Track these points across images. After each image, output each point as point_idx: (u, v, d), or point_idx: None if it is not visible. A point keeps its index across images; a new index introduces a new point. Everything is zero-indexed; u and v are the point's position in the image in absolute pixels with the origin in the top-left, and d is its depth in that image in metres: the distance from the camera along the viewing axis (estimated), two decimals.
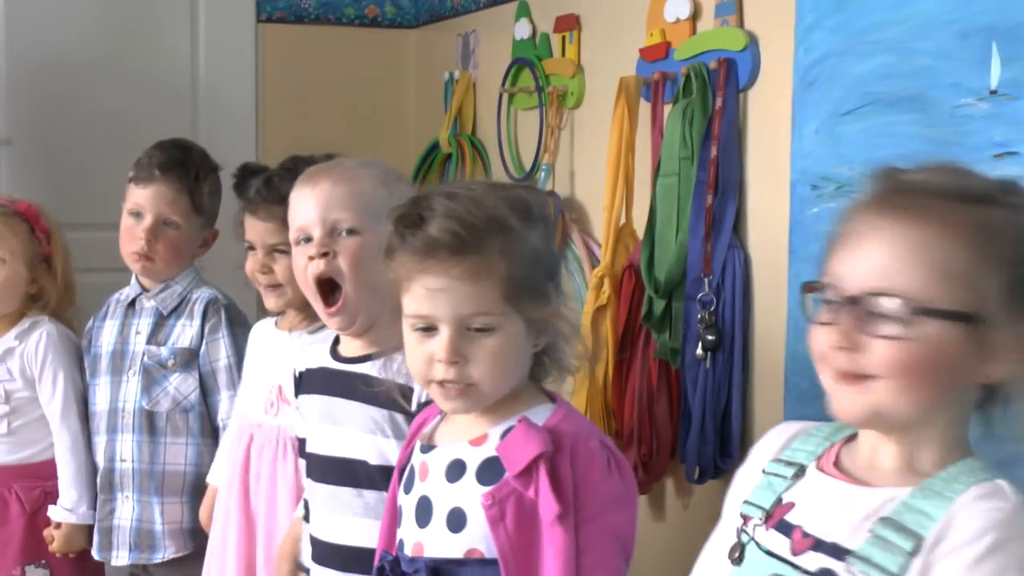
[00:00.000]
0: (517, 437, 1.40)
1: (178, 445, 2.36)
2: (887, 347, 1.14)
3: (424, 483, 1.48)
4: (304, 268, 1.78)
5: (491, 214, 1.40)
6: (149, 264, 2.39)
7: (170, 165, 2.38)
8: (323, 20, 3.99)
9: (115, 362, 2.42)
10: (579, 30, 2.94)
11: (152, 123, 3.76)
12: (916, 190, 1.18)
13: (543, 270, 1.45)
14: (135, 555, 2.37)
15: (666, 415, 2.43)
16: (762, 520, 1.24)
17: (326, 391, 1.79)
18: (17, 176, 3.66)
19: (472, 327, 1.40)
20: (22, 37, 3.68)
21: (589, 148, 2.88)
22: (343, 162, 1.83)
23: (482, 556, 1.41)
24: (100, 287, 2.77)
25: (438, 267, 1.39)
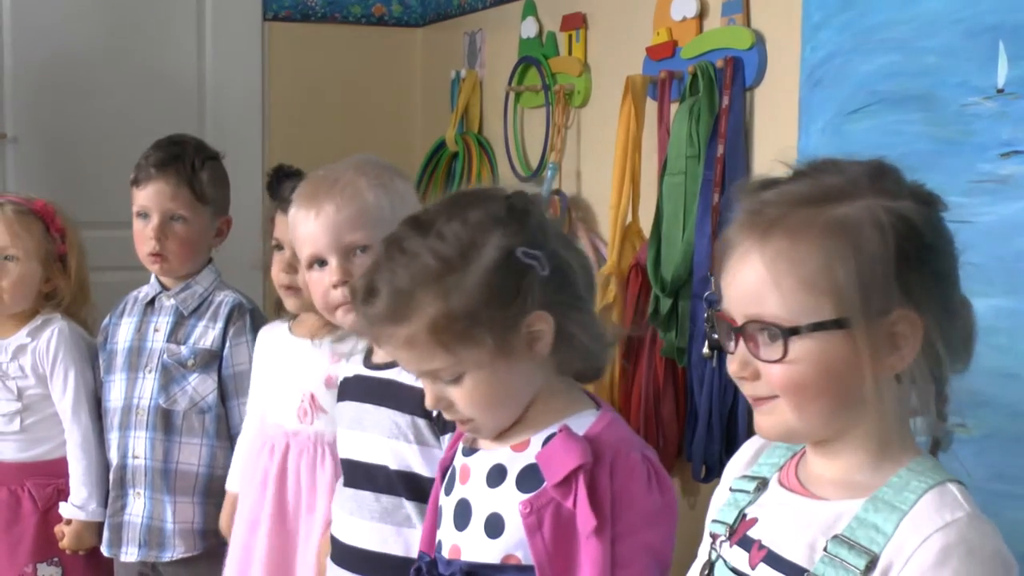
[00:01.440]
0: (557, 446, 1.39)
1: (193, 445, 2.36)
2: (775, 370, 1.14)
3: (464, 486, 1.48)
4: (324, 293, 1.80)
5: (421, 269, 1.38)
6: (164, 263, 2.40)
7: (166, 161, 2.39)
8: (330, 18, 4.00)
9: (131, 359, 2.42)
10: (586, 28, 2.94)
11: (159, 121, 3.76)
12: (773, 203, 1.16)
13: (507, 281, 1.38)
14: (144, 552, 2.37)
15: (672, 414, 2.43)
16: (727, 536, 1.24)
17: (357, 397, 1.81)
18: (23, 174, 3.67)
19: (440, 380, 1.41)
20: (28, 35, 3.69)
21: (595, 147, 2.88)
22: (338, 176, 1.80)
23: (519, 563, 1.41)
24: (107, 285, 2.78)
25: (386, 339, 1.42)
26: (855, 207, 1.13)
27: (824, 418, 1.16)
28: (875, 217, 1.12)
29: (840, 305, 1.12)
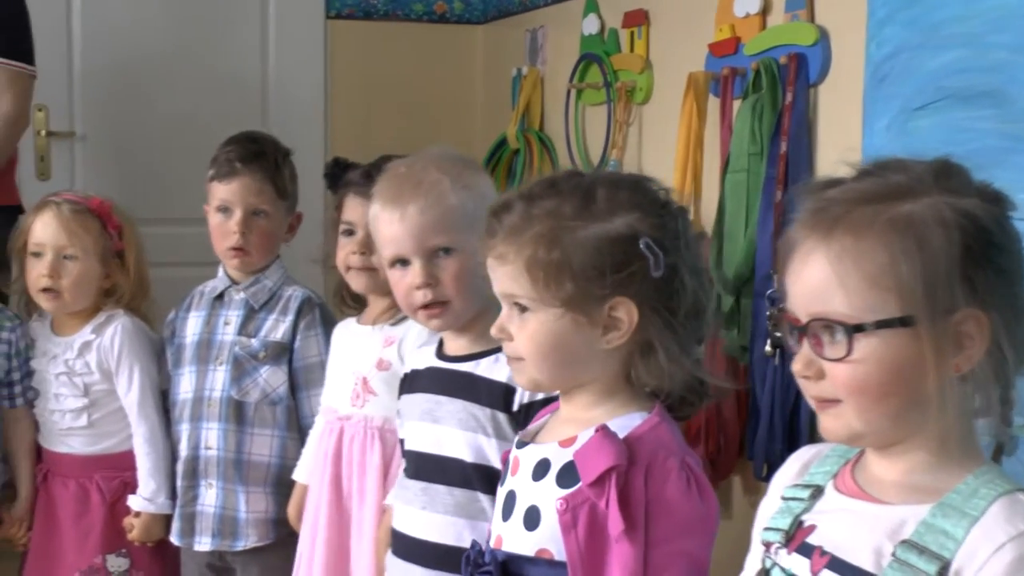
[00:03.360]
0: (592, 446, 1.38)
1: (264, 436, 2.38)
2: (839, 370, 1.13)
3: (513, 478, 1.49)
4: (407, 293, 1.81)
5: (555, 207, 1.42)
6: (246, 257, 2.41)
7: (249, 157, 2.40)
8: (391, 16, 4.02)
9: (200, 351, 2.44)
10: (648, 25, 2.93)
11: (223, 120, 3.81)
12: (837, 201, 1.15)
13: (616, 256, 1.40)
14: (217, 541, 2.38)
15: (734, 412, 2.42)
16: (783, 543, 1.23)
17: (430, 389, 1.81)
18: (91, 171, 3.73)
19: (514, 308, 1.45)
20: (97, 36, 3.75)
21: (657, 144, 2.87)
22: (421, 177, 1.80)
23: (552, 557, 1.41)
24: (171, 281, 2.81)
25: (491, 248, 1.46)
26: (920, 204, 1.12)
27: (889, 420, 1.14)
28: (940, 214, 1.11)
29: (905, 303, 1.11)
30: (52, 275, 2.37)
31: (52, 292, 2.38)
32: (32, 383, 2.46)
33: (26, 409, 2.47)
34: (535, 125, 3.50)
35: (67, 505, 2.44)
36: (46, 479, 2.46)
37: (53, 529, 2.43)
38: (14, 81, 3.00)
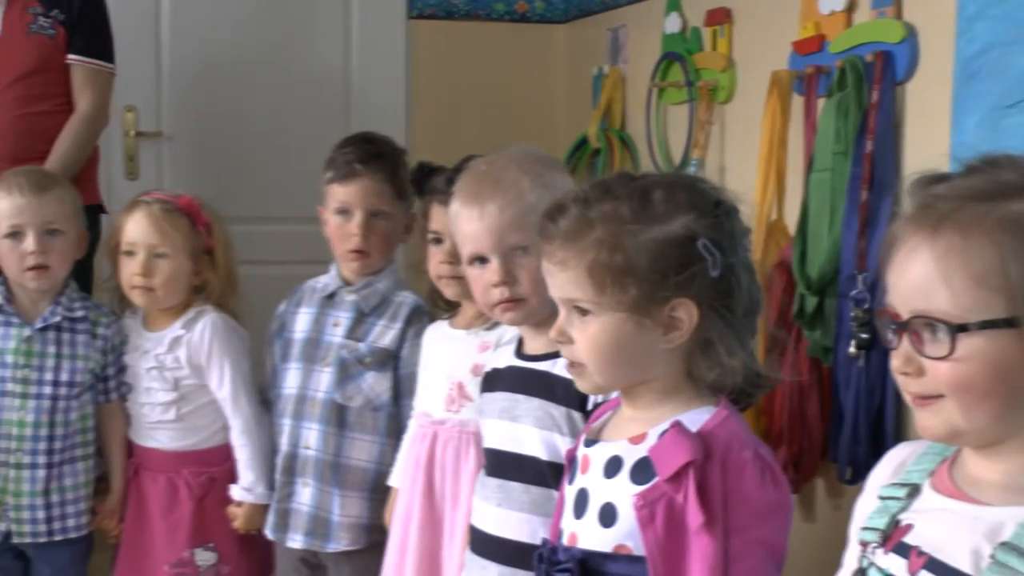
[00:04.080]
0: (668, 442, 1.40)
1: (364, 442, 2.37)
2: (942, 368, 1.12)
3: (584, 476, 1.50)
4: (484, 291, 1.82)
5: (612, 210, 1.43)
6: (366, 259, 2.40)
7: (369, 158, 2.39)
8: (473, 16, 4.03)
9: (307, 350, 2.44)
10: (730, 24, 2.91)
11: (306, 120, 3.87)
12: (945, 197, 1.14)
13: (675, 258, 1.41)
14: (309, 541, 2.39)
15: (817, 414, 2.39)
16: (880, 542, 1.22)
17: (509, 388, 1.83)
18: (178, 170, 3.80)
19: (574, 311, 1.46)
20: (184, 38, 3.81)
21: (740, 143, 2.85)
22: (500, 175, 1.81)
23: (630, 553, 1.43)
24: (257, 278, 2.85)
25: (549, 254, 1.48)
26: None
27: (991, 419, 1.13)
28: None
29: (1012, 304, 1.10)
30: (145, 273, 2.42)
31: (145, 289, 2.43)
32: (124, 378, 2.51)
33: (119, 404, 2.53)
34: (616, 124, 3.49)
35: (157, 499, 2.48)
36: (137, 473, 2.50)
37: (144, 522, 2.48)
38: (93, 79, 3.04)
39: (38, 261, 2.42)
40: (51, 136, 2.96)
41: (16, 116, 2.96)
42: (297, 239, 3.64)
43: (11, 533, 2.44)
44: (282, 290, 2.60)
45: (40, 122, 2.98)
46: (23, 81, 2.96)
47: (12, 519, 2.43)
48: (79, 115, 3.01)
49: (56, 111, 3.00)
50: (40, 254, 2.42)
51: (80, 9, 3.01)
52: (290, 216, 3.71)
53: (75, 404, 2.47)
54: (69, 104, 3.02)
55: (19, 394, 2.43)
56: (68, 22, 3.00)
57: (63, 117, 3.00)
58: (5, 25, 2.97)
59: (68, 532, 2.47)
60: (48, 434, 2.44)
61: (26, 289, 2.47)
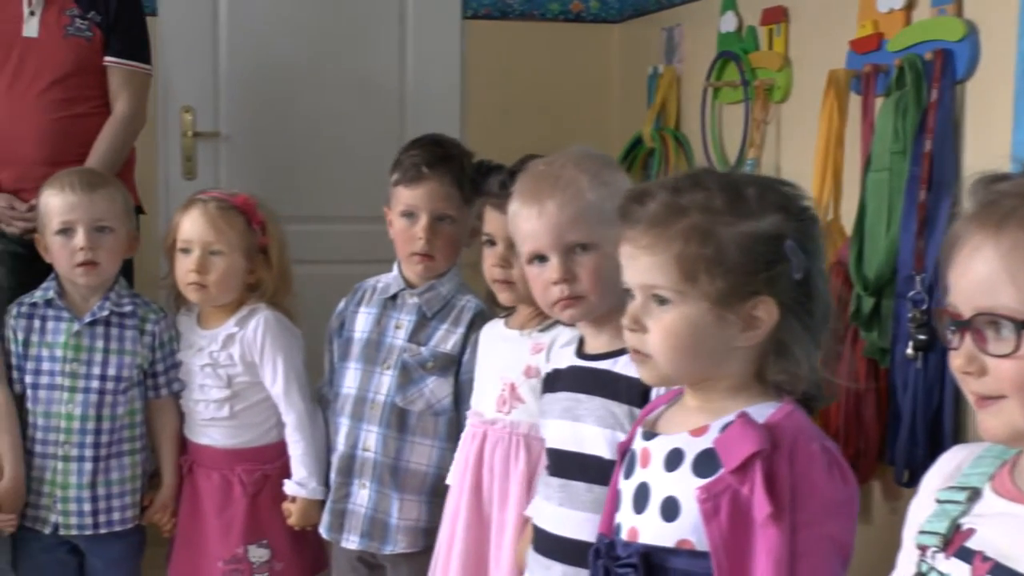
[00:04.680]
0: (735, 432, 1.39)
1: (424, 446, 2.36)
2: (1005, 366, 1.11)
3: (644, 470, 1.49)
4: (544, 289, 1.82)
5: (704, 200, 1.42)
6: (431, 263, 2.38)
7: (436, 161, 2.36)
8: (527, 16, 4.03)
9: (368, 351, 2.43)
10: (787, 22, 2.89)
11: (361, 120, 3.89)
12: (1009, 195, 1.13)
13: (763, 255, 1.41)
14: (365, 542, 2.38)
15: (873, 416, 2.37)
16: (940, 547, 1.21)
17: (570, 388, 1.82)
18: (235, 169, 3.83)
19: (652, 300, 1.44)
20: (242, 39, 3.84)
21: (796, 142, 2.83)
22: (559, 173, 1.81)
23: (693, 548, 1.41)
24: (310, 277, 2.86)
25: (634, 238, 1.45)
26: None
27: None
28: None
29: None
30: (199, 270, 2.44)
31: (199, 286, 2.45)
32: (179, 375, 2.54)
33: (170, 400, 2.55)
34: (671, 124, 3.48)
35: (211, 496, 2.50)
36: (191, 470, 2.53)
37: (198, 519, 2.50)
38: (130, 81, 3.05)
39: (87, 257, 2.45)
40: (89, 138, 2.98)
41: (54, 119, 2.97)
42: (352, 238, 3.66)
43: (59, 525, 2.47)
44: (336, 289, 2.61)
45: (77, 124, 2.99)
46: (60, 84, 2.98)
47: (60, 511, 2.46)
48: (116, 117, 3.03)
49: (93, 113, 3.02)
50: (89, 250, 2.45)
51: (117, 11, 3.03)
52: (346, 216, 3.74)
53: (122, 399, 2.50)
54: (106, 106, 3.04)
55: (68, 387, 2.47)
56: (105, 24, 3.01)
57: (100, 119, 3.02)
58: (42, 28, 2.98)
59: (114, 526, 2.49)
60: (95, 427, 2.47)
61: (76, 285, 2.50)
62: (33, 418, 2.47)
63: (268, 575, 2.49)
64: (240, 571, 2.48)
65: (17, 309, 2.51)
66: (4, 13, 2.98)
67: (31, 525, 2.47)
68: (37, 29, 2.98)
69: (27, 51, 2.97)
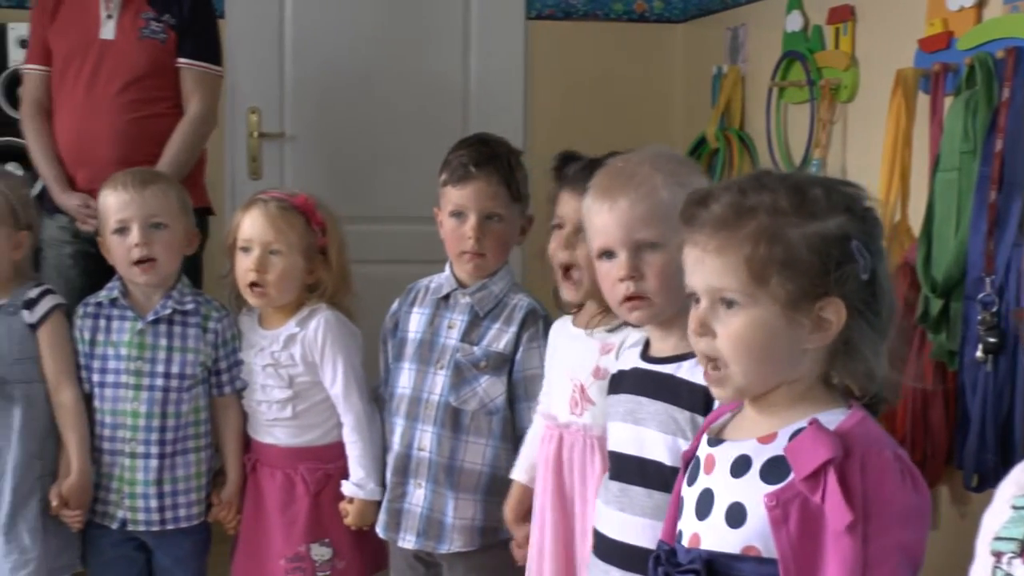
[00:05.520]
0: (806, 439, 1.37)
1: (478, 445, 2.36)
2: None
3: (709, 476, 1.47)
4: (612, 286, 1.81)
5: (770, 201, 1.41)
6: (481, 261, 2.39)
7: (483, 160, 2.37)
8: (591, 16, 4.03)
9: (422, 351, 2.44)
10: (854, 22, 2.86)
11: (424, 121, 3.91)
12: None
13: (830, 256, 1.39)
14: (421, 541, 2.39)
15: (941, 419, 2.33)
16: (1017, 552, 1.19)
17: (633, 391, 1.81)
18: (299, 170, 3.87)
19: (720, 303, 1.42)
20: (307, 41, 3.88)
21: (862, 142, 2.80)
22: (634, 171, 1.79)
23: (759, 555, 1.39)
24: (374, 278, 2.87)
25: (700, 241, 1.43)
26: None
27: None
28: None
29: None
30: (259, 269, 2.45)
31: (258, 287, 2.47)
32: (241, 374, 2.56)
33: (234, 397, 2.57)
34: (735, 124, 3.46)
35: (274, 494, 2.51)
36: (255, 469, 2.54)
37: (261, 517, 2.51)
38: (202, 82, 3.11)
39: (143, 254, 2.47)
40: (161, 139, 3.04)
41: (128, 119, 3.04)
42: (417, 239, 3.67)
43: (127, 521, 2.50)
44: (401, 290, 2.62)
45: (150, 125, 3.05)
46: (135, 85, 3.04)
47: (128, 507, 2.49)
48: (189, 118, 3.08)
49: (166, 114, 3.08)
50: (144, 246, 2.47)
51: (190, 13, 3.09)
52: (409, 216, 3.75)
53: (187, 396, 2.52)
54: (178, 107, 3.10)
55: (133, 385, 2.49)
56: (179, 26, 3.08)
57: (173, 120, 3.08)
58: (119, 31, 3.06)
59: (180, 522, 2.51)
60: (160, 425, 2.49)
61: (138, 284, 2.53)
62: (101, 416, 2.50)
63: (330, 573, 2.49)
64: (302, 569, 2.49)
65: (83, 309, 2.54)
66: (83, 17, 3.06)
67: (100, 521, 2.50)
68: (114, 32, 3.05)
69: (104, 53, 3.04)
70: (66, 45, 3.07)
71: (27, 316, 2.46)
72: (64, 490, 2.44)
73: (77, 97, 3.05)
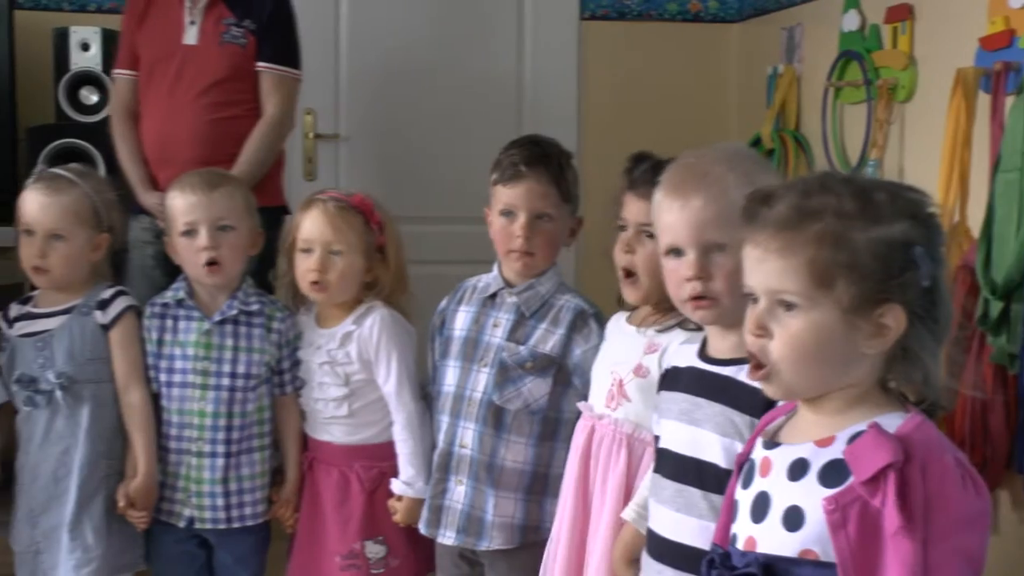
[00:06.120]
0: (866, 443, 1.36)
1: (520, 444, 2.37)
2: None
3: (765, 479, 1.47)
4: (678, 285, 1.80)
5: (835, 204, 1.40)
6: (530, 259, 2.39)
7: (534, 160, 2.38)
8: (645, 16, 4.02)
9: (467, 349, 2.45)
10: (912, 20, 2.83)
11: (478, 120, 3.92)
12: None
13: (892, 261, 1.39)
14: (461, 538, 2.40)
15: (1002, 423, 2.31)
16: None
17: (689, 390, 1.81)
18: (353, 172, 3.89)
19: (779, 305, 1.42)
20: (362, 43, 3.91)
21: (920, 143, 2.77)
22: (708, 170, 1.78)
23: (817, 558, 1.39)
24: (429, 278, 2.88)
25: (762, 242, 1.43)
26: None
27: None
28: None
29: None
30: (320, 269, 2.48)
31: (320, 285, 2.49)
32: (298, 372, 2.58)
33: (293, 397, 2.59)
34: (790, 125, 3.44)
35: (330, 492, 2.53)
36: (312, 467, 2.57)
37: (318, 514, 2.53)
38: (280, 85, 3.20)
39: (211, 256, 2.50)
40: (240, 140, 3.13)
41: (208, 121, 3.14)
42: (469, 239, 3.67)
43: (194, 519, 2.53)
44: (451, 290, 2.62)
45: (229, 126, 3.16)
46: (215, 88, 3.15)
47: (195, 505, 2.52)
48: (267, 120, 3.17)
49: (245, 116, 3.17)
50: (212, 249, 2.50)
51: (270, 19, 3.18)
52: (462, 216, 3.75)
53: (252, 396, 2.55)
54: (257, 109, 3.19)
55: (199, 385, 2.52)
56: (259, 31, 3.17)
57: (251, 122, 3.17)
58: (201, 36, 3.16)
59: (245, 520, 2.54)
60: (226, 424, 2.52)
61: (204, 285, 2.56)
62: (168, 415, 2.54)
63: (384, 571, 2.51)
64: (357, 566, 2.50)
65: (150, 309, 2.58)
66: (168, 23, 3.18)
67: (166, 519, 2.54)
68: (196, 37, 3.16)
69: (187, 58, 3.16)
70: (152, 51, 3.19)
71: (100, 317, 2.51)
72: (131, 491, 2.47)
73: (161, 100, 3.16)
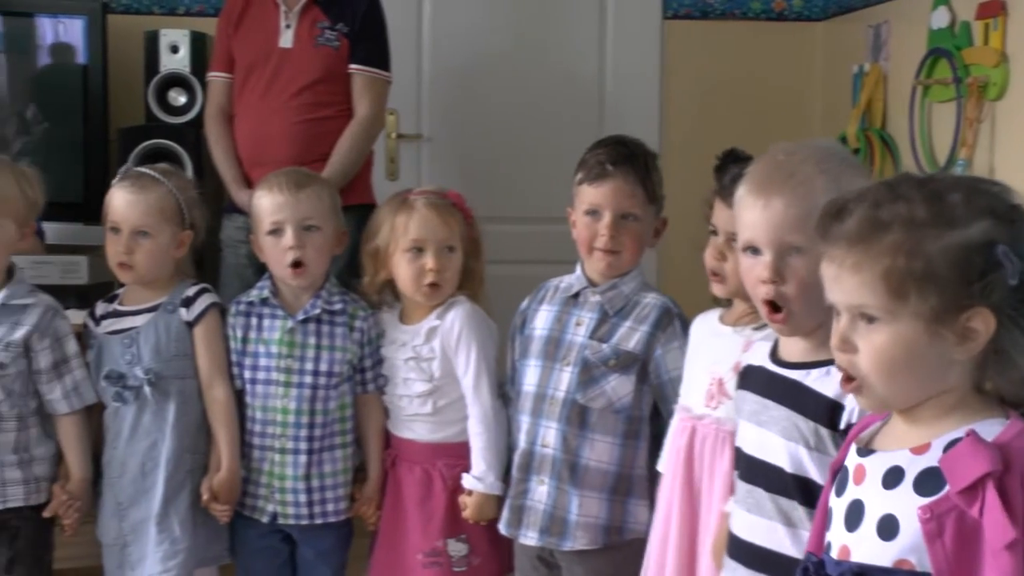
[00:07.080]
0: (964, 451, 1.34)
1: (604, 443, 2.37)
2: None
3: (859, 487, 1.45)
4: (754, 284, 1.78)
5: (907, 211, 1.37)
6: (615, 258, 2.40)
7: (620, 159, 2.38)
8: (728, 15, 4.00)
9: (548, 348, 2.45)
10: (1005, 16, 2.78)
11: (560, 122, 3.92)
12: None
13: (973, 264, 1.35)
14: (543, 538, 2.40)
15: None
16: None
17: (759, 391, 1.80)
18: (435, 172, 3.91)
19: (860, 319, 1.40)
20: (444, 42, 3.93)
21: (1012, 141, 2.72)
22: (795, 169, 1.74)
23: (912, 568, 1.36)
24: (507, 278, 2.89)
25: (836, 258, 1.41)
26: None
27: None
28: None
29: None
30: (440, 268, 2.49)
31: (435, 285, 2.50)
32: (381, 370, 2.60)
33: (376, 395, 2.61)
34: (876, 124, 3.39)
35: (412, 489, 2.55)
36: (395, 464, 2.59)
37: (400, 512, 2.55)
38: (371, 87, 3.28)
39: (297, 256, 2.53)
40: (331, 140, 3.23)
41: (301, 121, 3.23)
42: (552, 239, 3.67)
43: (277, 514, 2.56)
44: (533, 290, 2.63)
45: (322, 127, 3.24)
46: (309, 89, 3.25)
47: (278, 501, 2.56)
48: (358, 120, 3.26)
49: (337, 116, 3.26)
50: (298, 248, 2.52)
51: (363, 22, 3.27)
52: (544, 216, 3.75)
53: (334, 394, 2.57)
54: (348, 110, 3.28)
55: (283, 383, 2.55)
56: (351, 34, 3.26)
57: (343, 122, 3.26)
58: (296, 39, 3.26)
59: (328, 517, 2.57)
60: (309, 422, 2.55)
61: (288, 284, 2.59)
62: (252, 412, 2.57)
63: (466, 569, 2.52)
64: (439, 564, 2.52)
65: (235, 308, 2.61)
66: (263, 27, 3.28)
67: (250, 514, 2.57)
68: (291, 40, 3.27)
69: (282, 60, 3.26)
70: (248, 54, 3.29)
71: (184, 314, 2.55)
72: (214, 485, 2.51)
73: (256, 101, 3.26)
